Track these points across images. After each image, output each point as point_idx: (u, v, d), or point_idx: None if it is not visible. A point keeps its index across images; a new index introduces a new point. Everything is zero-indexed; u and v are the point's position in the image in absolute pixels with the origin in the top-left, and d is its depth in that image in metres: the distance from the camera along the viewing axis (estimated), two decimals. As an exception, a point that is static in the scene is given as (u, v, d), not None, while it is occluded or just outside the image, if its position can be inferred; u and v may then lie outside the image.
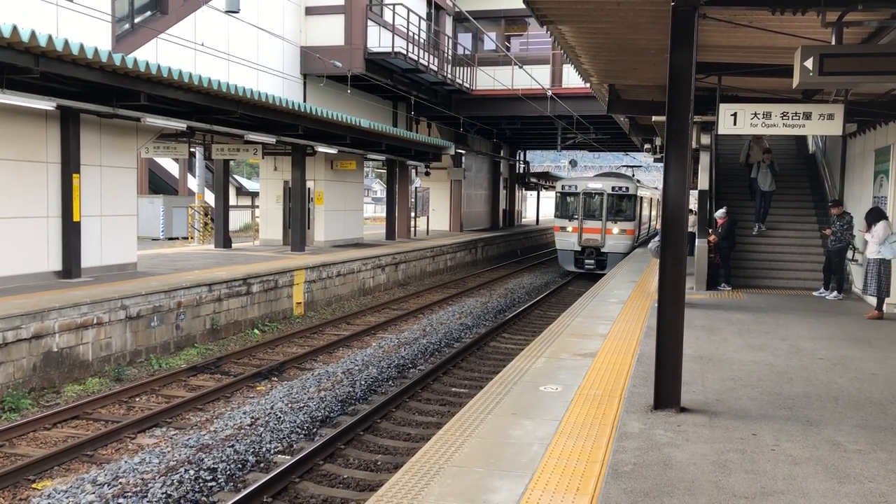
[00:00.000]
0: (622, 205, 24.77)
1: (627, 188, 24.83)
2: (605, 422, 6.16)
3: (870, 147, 14.02)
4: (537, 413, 6.38)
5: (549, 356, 8.60)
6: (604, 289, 15.02)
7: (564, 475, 4.99)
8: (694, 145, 13.85)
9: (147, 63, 11.71)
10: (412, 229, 29.07)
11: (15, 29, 9.50)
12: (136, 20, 16.08)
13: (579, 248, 24.85)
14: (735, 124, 10.47)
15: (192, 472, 7.57)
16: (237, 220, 34.71)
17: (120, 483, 7.29)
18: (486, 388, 7.16)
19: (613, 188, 24.72)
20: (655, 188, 36.12)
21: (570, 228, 24.92)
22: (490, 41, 29.32)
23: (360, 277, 19.85)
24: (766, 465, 5.22)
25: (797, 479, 4.97)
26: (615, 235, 24.53)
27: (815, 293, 14.10)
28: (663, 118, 6.46)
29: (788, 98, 11.68)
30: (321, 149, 20.14)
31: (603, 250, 24.68)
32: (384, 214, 29.42)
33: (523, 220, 49.60)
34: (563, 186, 25.64)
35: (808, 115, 10.21)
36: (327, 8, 21.69)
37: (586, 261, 24.86)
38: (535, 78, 24.42)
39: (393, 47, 21.71)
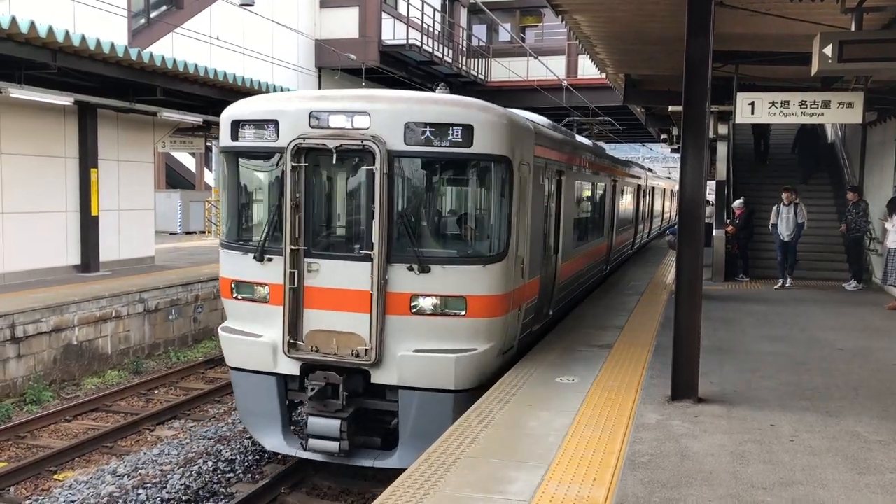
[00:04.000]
0: (453, 193, 7.54)
1: (469, 127, 6.42)
2: (621, 413, 6.13)
3: (890, 135, 13.82)
4: (553, 404, 6.36)
5: (565, 347, 8.57)
6: (620, 280, 14.95)
7: (581, 466, 4.98)
8: (711, 135, 13.72)
9: (163, 58, 11.78)
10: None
11: (33, 25, 9.58)
12: (152, 15, 16.15)
13: (295, 372, 6.88)
14: (753, 113, 10.37)
15: (210, 463, 7.64)
16: (253, 213, 34.73)
17: (139, 474, 7.36)
18: (502, 379, 7.14)
19: (411, 127, 6.46)
20: (638, 164, 22.02)
21: (261, 290, 7.04)
22: (505, 32, 29.17)
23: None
24: (785, 456, 5.18)
25: (816, 469, 4.93)
26: (428, 322, 6.65)
27: (844, 285, 13.70)
28: (680, 108, 6.40)
29: (807, 86, 11.56)
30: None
31: (376, 380, 6.74)
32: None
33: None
34: (233, 126, 7.16)
35: (826, 104, 10.07)
36: (342, 0, 21.68)
37: (312, 419, 6.72)
38: (551, 69, 24.18)
39: (407, 40, 21.65)
